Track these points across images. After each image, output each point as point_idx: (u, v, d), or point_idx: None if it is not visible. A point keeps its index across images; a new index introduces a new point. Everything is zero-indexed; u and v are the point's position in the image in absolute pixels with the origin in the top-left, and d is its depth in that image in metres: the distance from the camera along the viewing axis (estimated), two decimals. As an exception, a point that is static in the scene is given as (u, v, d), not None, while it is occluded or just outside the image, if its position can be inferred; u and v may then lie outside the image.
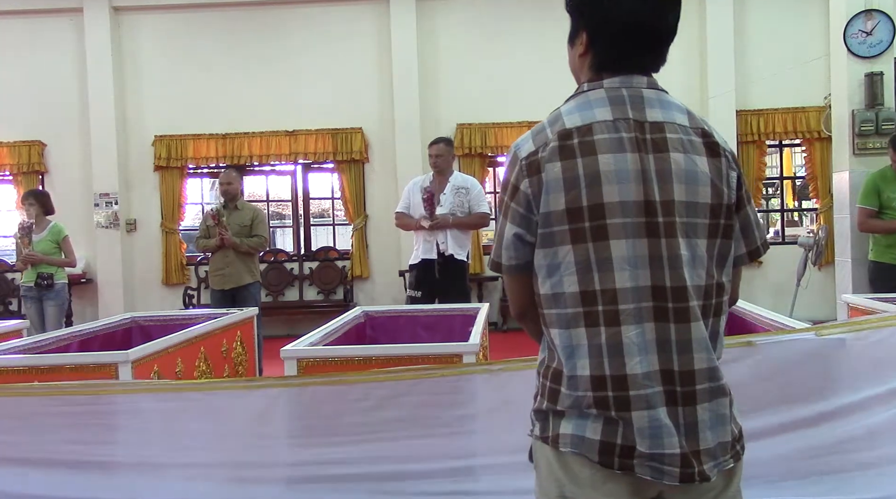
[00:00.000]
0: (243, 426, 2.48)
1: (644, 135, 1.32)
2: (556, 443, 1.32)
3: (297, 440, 2.47)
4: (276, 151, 9.05)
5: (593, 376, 1.29)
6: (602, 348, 1.29)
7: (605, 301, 1.28)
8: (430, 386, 2.41)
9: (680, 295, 1.29)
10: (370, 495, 2.42)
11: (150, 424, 2.50)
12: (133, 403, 2.52)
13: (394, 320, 4.22)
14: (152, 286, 9.19)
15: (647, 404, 1.27)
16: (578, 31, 1.40)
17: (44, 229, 6.13)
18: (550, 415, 1.35)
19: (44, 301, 6.02)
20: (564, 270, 1.31)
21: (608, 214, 1.28)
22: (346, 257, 9.26)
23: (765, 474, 2.50)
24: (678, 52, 8.50)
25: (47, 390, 2.55)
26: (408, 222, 5.27)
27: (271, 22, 9.07)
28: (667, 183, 1.30)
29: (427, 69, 8.91)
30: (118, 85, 9.01)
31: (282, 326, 8.54)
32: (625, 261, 1.28)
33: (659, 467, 1.27)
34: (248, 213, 5.99)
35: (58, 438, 2.50)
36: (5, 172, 9.20)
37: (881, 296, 3.89)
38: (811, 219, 9.31)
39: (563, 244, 1.30)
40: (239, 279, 5.83)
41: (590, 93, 1.37)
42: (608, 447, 1.28)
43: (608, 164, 1.29)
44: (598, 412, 1.28)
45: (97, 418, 2.51)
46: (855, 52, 6.27)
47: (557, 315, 1.33)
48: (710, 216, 1.33)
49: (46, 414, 2.51)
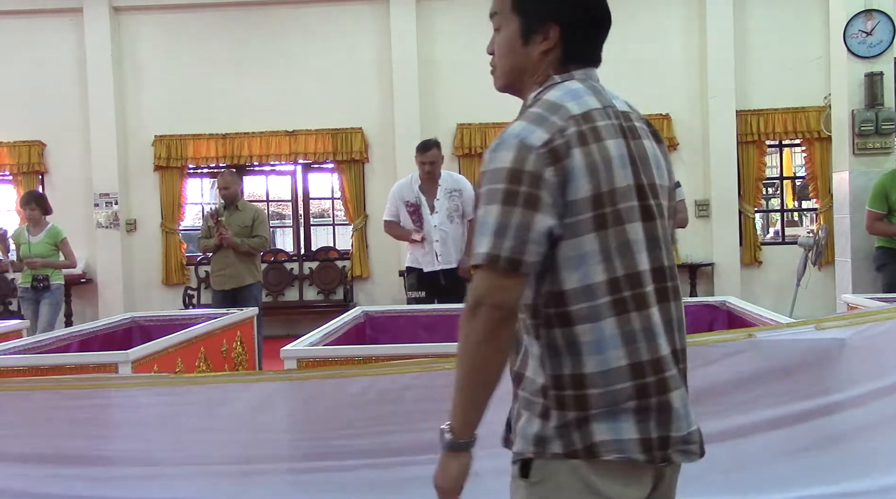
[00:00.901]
0: (243, 420, 2.48)
1: (622, 122, 1.36)
2: (592, 453, 1.27)
3: (297, 434, 2.48)
4: (276, 151, 9.05)
5: (632, 364, 1.28)
6: (636, 334, 1.29)
7: (631, 286, 1.30)
8: (431, 379, 2.42)
9: (672, 274, 1.38)
10: (370, 489, 2.42)
11: (149, 418, 2.51)
12: (132, 398, 2.52)
13: (394, 320, 4.23)
14: (152, 286, 9.19)
15: (676, 384, 1.33)
16: (542, 26, 1.38)
17: (42, 231, 6.10)
18: (574, 426, 1.28)
19: (40, 302, 6.01)
20: (591, 260, 1.29)
21: (620, 198, 1.30)
22: (346, 257, 9.26)
23: (764, 464, 2.50)
24: (678, 52, 8.52)
25: (47, 385, 2.56)
26: (399, 233, 5.05)
27: (271, 22, 9.08)
28: (647, 168, 1.36)
29: (427, 69, 8.91)
30: (118, 85, 9.02)
31: (282, 326, 8.54)
32: (639, 244, 1.32)
33: (686, 447, 1.32)
34: (249, 213, 5.94)
35: (57, 432, 2.51)
36: (5, 172, 9.20)
37: (881, 296, 3.90)
38: (811, 219, 9.32)
39: (588, 232, 1.28)
40: (240, 280, 5.79)
41: (567, 83, 1.38)
42: (647, 443, 1.28)
43: (613, 149, 1.32)
44: (637, 403, 1.28)
45: (96, 413, 2.51)
46: (855, 52, 6.27)
47: (588, 309, 1.28)
48: (668, 198, 1.42)
49: (46, 409, 2.51)
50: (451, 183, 4.98)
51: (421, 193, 4.93)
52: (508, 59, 1.43)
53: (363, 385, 2.44)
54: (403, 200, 4.95)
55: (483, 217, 1.27)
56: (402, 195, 4.97)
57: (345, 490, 2.45)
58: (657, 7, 8.67)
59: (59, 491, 2.49)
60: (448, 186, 4.94)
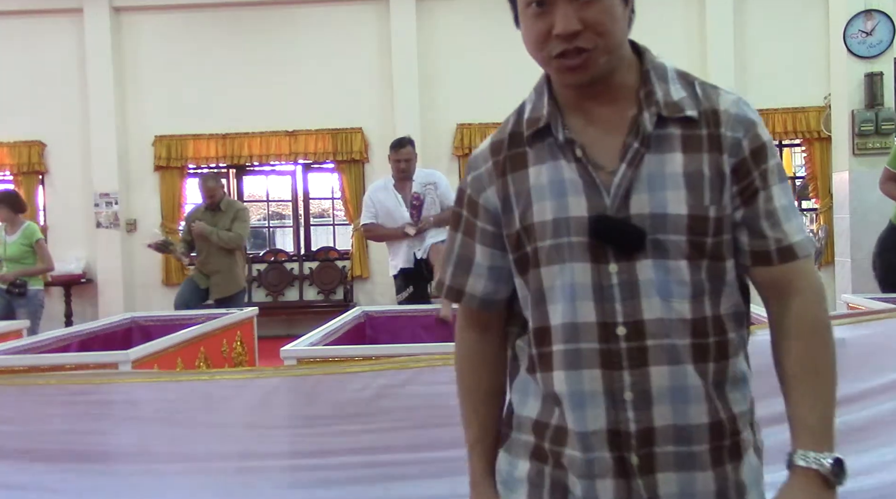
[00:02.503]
0: (243, 416, 2.49)
1: None
2: None
3: (297, 430, 2.48)
4: (276, 151, 9.05)
5: None
6: None
7: None
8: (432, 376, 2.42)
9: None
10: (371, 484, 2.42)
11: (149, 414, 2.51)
12: (131, 393, 2.52)
13: (394, 320, 4.23)
14: (152, 286, 9.19)
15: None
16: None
17: (17, 231, 5.72)
18: None
19: (16, 309, 5.56)
20: None
21: None
22: (346, 257, 9.27)
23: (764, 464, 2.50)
24: (678, 52, 8.51)
25: (47, 380, 2.56)
26: (385, 233, 4.81)
27: (271, 22, 9.08)
28: None
29: (427, 69, 8.91)
30: (118, 85, 9.02)
31: (282, 327, 8.54)
32: None
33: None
34: (231, 212, 5.69)
35: (56, 428, 2.51)
36: (5, 172, 9.20)
37: (881, 296, 3.90)
38: (811, 219, 9.32)
39: None
40: (225, 289, 5.66)
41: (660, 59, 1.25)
42: None
43: None
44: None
45: (96, 408, 2.51)
46: (855, 52, 6.28)
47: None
48: None
49: (45, 404, 2.52)
50: (424, 177, 4.83)
51: (396, 191, 4.79)
52: (618, 25, 1.09)
53: (363, 381, 2.45)
54: (382, 204, 4.78)
55: (786, 198, 1.12)
56: (379, 197, 4.82)
57: (344, 487, 2.45)
58: (657, 7, 8.67)
59: (56, 488, 2.49)
60: (422, 180, 4.79)
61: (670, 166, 1.08)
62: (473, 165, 1.24)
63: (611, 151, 1.11)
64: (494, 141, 1.22)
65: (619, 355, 1.07)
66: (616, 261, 1.08)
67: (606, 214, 1.08)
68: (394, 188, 4.80)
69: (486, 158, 1.22)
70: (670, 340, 1.07)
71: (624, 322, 1.07)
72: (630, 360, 1.07)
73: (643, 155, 1.09)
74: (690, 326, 1.08)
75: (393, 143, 4.86)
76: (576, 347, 1.10)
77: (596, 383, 1.08)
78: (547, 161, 1.14)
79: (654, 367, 1.07)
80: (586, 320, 1.09)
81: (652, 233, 1.07)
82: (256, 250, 10.00)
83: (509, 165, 1.17)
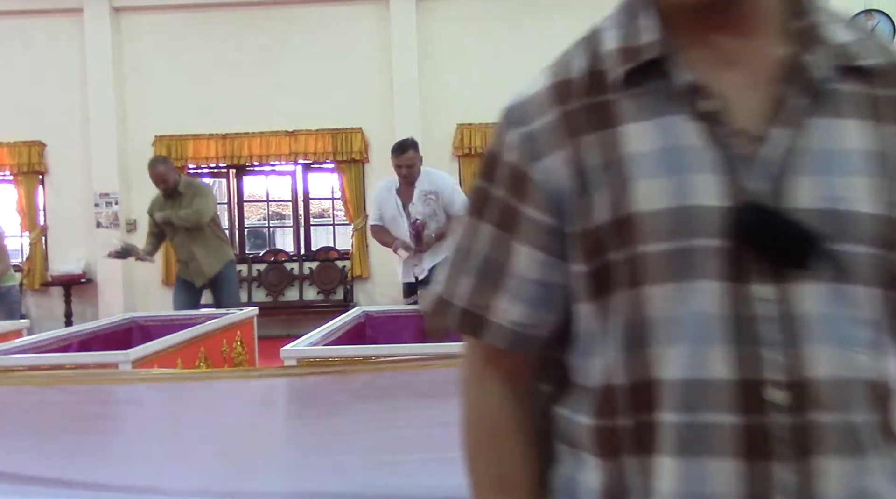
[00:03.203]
0: (243, 416, 2.49)
1: None
2: None
3: (297, 431, 2.48)
4: (276, 151, 9.05)
5: None
6: None
7: None
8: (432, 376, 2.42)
9: None
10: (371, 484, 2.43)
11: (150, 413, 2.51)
12: (131, 393, 2.52)
13: (394, 320, 4.22)
14: (152, 286, 9.19)
15: None
16: None
17: None
18: None
19: None
20: None
21: None
22: (346, 257, 9.27)
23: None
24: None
25: (47, 380, 2.56)
26: (384, 241, 4.70)
27: (271, 22, 9.08)
28: None
29: (427, 69, 8.91)
30: (118, 85, 9.02)
31: (281, 327, 8.53)
32: None
33: None
34: (190, 193, 5.37)
35: (56, 428, 2.51)
36: (5, 172, 9.19)
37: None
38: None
39: None
40: (208, 270, 5.37)
41: None
42: None
43: None
44: None
45: (96, 408, 2.52)
46: (855, 52, 6.28)
47: None
48: None
49: (45, 404, 2.52)
50: (427, 184, 4.55)
51: (398, 196, 4.60)
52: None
53: (363, 381, 2.45)
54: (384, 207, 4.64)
55: None
56: (382, 200, 4.68)
57: (345, 487, 2.45)
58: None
59: (57, 486, 2.49)
60: (424, 188, 4.54)
61: (848, 140, 0.70)
62: (517, 118, 0.82)
63: (752, 106, 0.71)
64: (558, 81, 0.80)
65: (769, 437, 0.67)
66: (767, 281, 0.68)
67: (760, 203, 0.68)
68: (396, 193, 4.62)
69: (542, 107, 0.79)
70: (849, 415, 0.68)
71: (782, 382, 0.67)
72: (790, 446, 0.66)
73: (810, 116, 0.70)
74: (872, 392, 0.69)
75: (394, 147, 4.60)
76: (699, 421, 0.68)
77: (728, 482, 0.67)
78: (653, 117, 0.72)
79: (828, 458, 0.67)
80: (717, 377, 0.68)
81: (828, 239, 0.68)
82: (256, 250, 10.01)
83: (588, 121, 0.75)
